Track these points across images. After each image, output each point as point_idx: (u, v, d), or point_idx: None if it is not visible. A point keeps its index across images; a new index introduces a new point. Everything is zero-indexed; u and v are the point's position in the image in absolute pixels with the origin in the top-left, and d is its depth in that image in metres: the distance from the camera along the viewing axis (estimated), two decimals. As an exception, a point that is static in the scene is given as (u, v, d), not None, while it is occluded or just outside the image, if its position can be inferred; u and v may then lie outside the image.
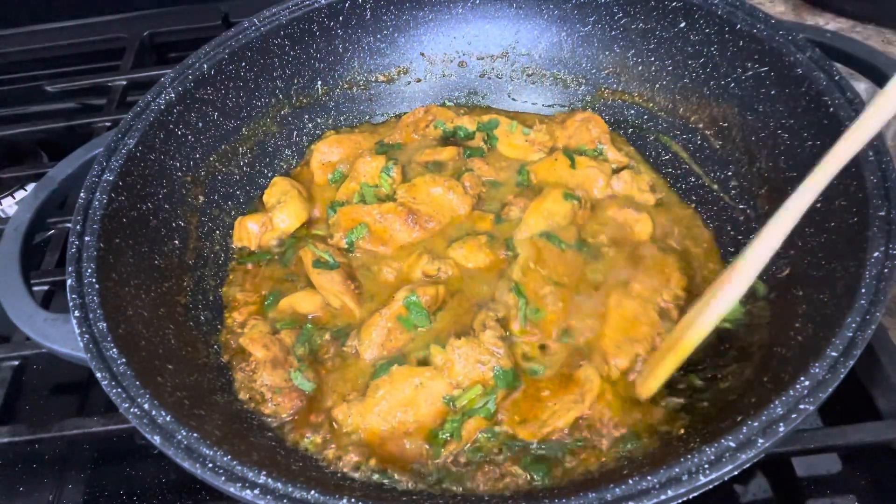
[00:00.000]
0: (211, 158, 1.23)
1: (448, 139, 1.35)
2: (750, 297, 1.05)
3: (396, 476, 0.92)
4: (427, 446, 0.95)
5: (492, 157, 1.32)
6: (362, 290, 1.13)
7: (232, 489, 0.72)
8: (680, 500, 0.68)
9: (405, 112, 1.41)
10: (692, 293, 1.09)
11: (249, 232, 1.21)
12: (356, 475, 0.92)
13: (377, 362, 1.03)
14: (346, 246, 1.18)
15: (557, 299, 1.06)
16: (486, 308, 1.06)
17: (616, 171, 1.25)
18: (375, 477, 0.92)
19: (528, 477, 0.91)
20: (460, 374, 0.98)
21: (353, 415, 0.96)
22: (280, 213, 1.22)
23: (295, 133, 1.37)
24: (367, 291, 1.13)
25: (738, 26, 1.13)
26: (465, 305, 1.09)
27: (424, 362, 1.02)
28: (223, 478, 0.73)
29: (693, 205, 1.23)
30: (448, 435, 0.94)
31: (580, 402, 0.95)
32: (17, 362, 1.13)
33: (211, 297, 1.14)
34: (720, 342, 1.02)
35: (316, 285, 1.12)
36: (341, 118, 1.42)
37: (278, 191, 1.26)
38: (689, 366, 0.99)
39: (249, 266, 1.20)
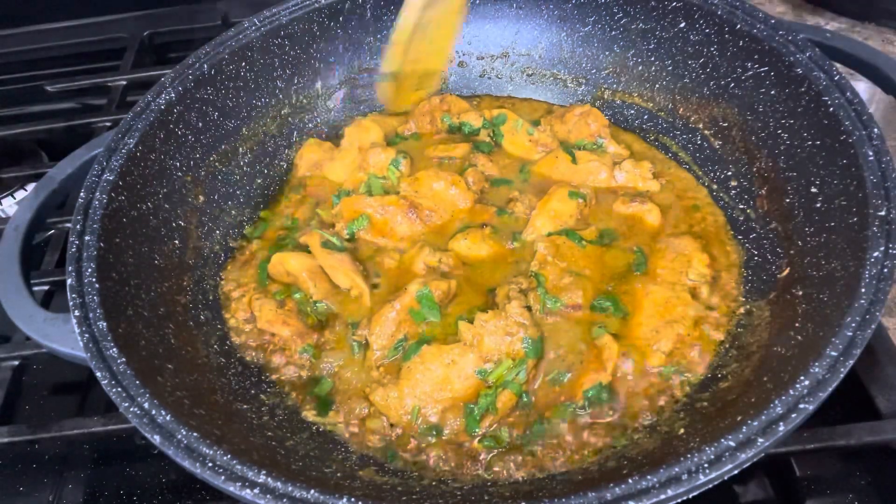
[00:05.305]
0: (211, 158, 1.23)
1: (454, 133, 1.36)
2: (749, 296, 1.06)
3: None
4: (463, 422, 0.96)
5: (496, 153, 1.32)
6: (368, 273, 1.15)
7: (231, 488, 0.72)
8: (680, 500, 0.68)
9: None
10: (716, 269, 1.10)
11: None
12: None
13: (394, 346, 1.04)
14: (348, 236, 1.19)
15: (578, 288, 1.07)
16: (507, 283, 1.08)
17: (617, 163, 1.25)
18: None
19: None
20: (490, 348, 0.99)
21: (391, 398, 0.98)
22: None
23: (295, 133, 1.37)
24: (370, 279, 1.15)
25: (738, 26, 1.13)
26: (470, 294, 1.10)
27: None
28: (223, 477, 0.73)
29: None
30: (484, 409, 0.96)
31: (602, 370, 0.98)
32: (17, 362, 1.13)
33: (211, 297, 1.14)
34: (720, 342, 1.02)
35: (325, 267, 1.13)
36: (341, 118, 1.42)
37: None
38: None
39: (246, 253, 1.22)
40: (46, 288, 1.22)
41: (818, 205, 0.98)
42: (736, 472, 0.69)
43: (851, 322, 0.77)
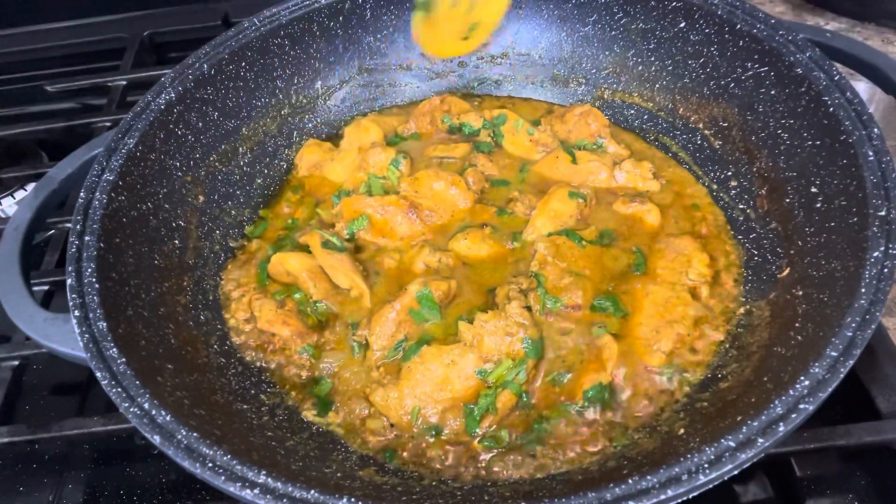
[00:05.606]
0: (211, 158, 1.23)
1: (454, 133, 1.36)
2: (750, 295, 1.06)
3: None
4: (463, 422, 0.97)
5: (497, 154, 1.32)
6: (368, 273, 1.15)
7: (232, 489, 0.72)
8: (680, 500, 0.68)
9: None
10: (715, 269, 1.10)
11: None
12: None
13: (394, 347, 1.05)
14: (348, 236, 1.19)
15: (577, 288, 1.07)
16: (506, 283, 1.08)
17: (617, 163, 1.25)
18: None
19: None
20: (490, 349, 0.99)
21: (391, 399, 0.98)
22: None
23: (295, 133, 1.37)
24: (370, 278, 1.15)
25: (738, 26, 1.13)
26: (470, 294, 1.10)
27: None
28: (223, 477, 0.73)
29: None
30: (484, 409, 0.96)
31: (602, 370, 0.98)
32: (17, 362, 1.14)
33: (210, 297, 1.14)
34: (720, 342, 1.02)
35: (325, 267, 1.13)
36: (341, 118, 1.42)
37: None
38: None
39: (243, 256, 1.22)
40: (46, 288, 1.22)
41: (818, 205, 0.98)
42: (736, 472, 0.69)
43: (851, 322, 0.77)
